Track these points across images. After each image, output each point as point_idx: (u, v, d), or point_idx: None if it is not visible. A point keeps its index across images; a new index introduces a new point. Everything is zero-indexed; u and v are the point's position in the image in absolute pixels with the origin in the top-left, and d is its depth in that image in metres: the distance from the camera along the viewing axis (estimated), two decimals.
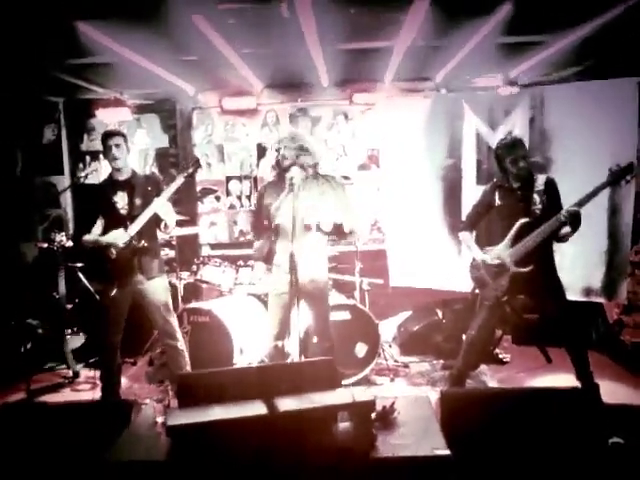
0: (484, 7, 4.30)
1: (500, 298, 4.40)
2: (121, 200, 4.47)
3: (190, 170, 4.49)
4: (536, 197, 4.22)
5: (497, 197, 4.41)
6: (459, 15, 4.41)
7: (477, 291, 4.66)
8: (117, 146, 4.41)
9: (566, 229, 4.15)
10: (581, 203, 4.04)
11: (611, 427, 3.18)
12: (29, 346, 5.44)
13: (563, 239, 4.25)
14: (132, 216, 4.39)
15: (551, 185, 4.29)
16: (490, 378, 5.31)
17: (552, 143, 5.28)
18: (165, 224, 4.47)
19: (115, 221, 4.43)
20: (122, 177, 4.52)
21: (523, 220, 4.22)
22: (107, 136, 4.47)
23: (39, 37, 4.62)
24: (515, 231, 4.25)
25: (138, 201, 4.43)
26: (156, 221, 4.46)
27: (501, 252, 4.33)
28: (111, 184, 4.53)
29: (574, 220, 4.08)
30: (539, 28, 5.00)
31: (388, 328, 6.30)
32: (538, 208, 4.21)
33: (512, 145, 4.31)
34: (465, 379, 4.72)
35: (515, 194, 4.33)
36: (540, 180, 4.28)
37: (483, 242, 4.53)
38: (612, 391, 4.73)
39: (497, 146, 4.42)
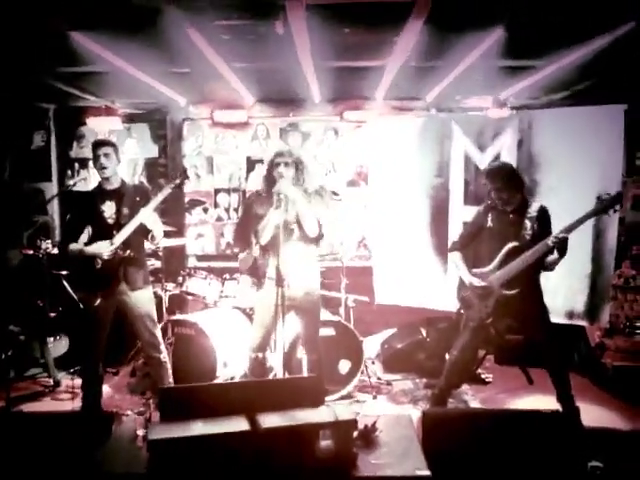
0: (476, 30, 4.35)
1: (485, 320, 4.43)
2: (109, 209, 4.46)
3: (177, 181, 4.48)
4: (528, 223, 4.27)
5: (489, 219, 4.46)
6: (452, 37, 4.46)
7: (462, 311, 4.68)
8: (106, 155, 4.39)
9: (553, 256, 4.21)
10: (569, 229, 4.10)
11: (591, 450, 3.20)
12: (10, 353, 5.39)
13: (550, 267, 4.31)
14: (119, 225, 4.37)
15: (544, 213, 4.33)
16: (472, 397, 5.32)
17: (539, 166, 5.32)
18: (152, 235, 4.47)
19: (102, 230, 4.41)
20: (111, 186, 4.50)
21: (512, 244, 4.27)
22: (97, 145, 4.46)
23: (32, 44, 4.62)
24: (504, 254, 4.30)
25: (126, 211, 4.41)
26: (143, 232, 4.44)
27: (488, 274, 4.37)
28: (99, 193, 4.51)
29: (561, 246, 4.13)
30: (530, 53, 5.06)
31: (372, 345, 6.31)
32: (528, 233, 4.25)
33: (492, 176, 4.36)
34: (447, 398, 4.73)
35: (507, 217, 4.37)
36: (534, 207, 4.33)
37: (471, 263, 4.56)
38: (593, 414, 4.77)
39: (485, 174, 4.50)
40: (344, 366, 5.25)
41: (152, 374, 4.75)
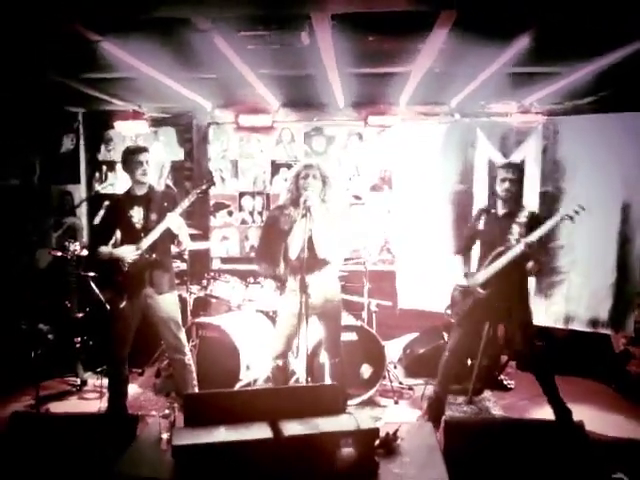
0: (501, 38, 4.32)
1: (462, 318, 4.52)
2: (137, 214, 4.53)
3: (204, 187, 4.55)
4: (515, 227, 4.28)
5: (482, 222, 4.52)
6: (477, 45, 4.43)
7: (449, 311, 4.74)
8: (147, 162, 4.51)
9: (531, 262, 4.20)
10: (538, 236, 4.12)
11: (614, 461, 3.17)
12: (39, 352, 5.48)
13: (532, 274, 4.36)
14: (147, 230, 4.45)
15: (534, 219, 4.33)
16: (493, 404, 5.30)
17: (564, 173, 5.29)
18: (178, 240, 4.52)
19: (130, 234, 4.49)
20: (140, 192, 4.58)
21: (499, 249, 4.29)
22: (136, 151, 4.54)
23: (63, 51, 4.69)
24: (490, 259, 4.35)
25: (153, 216, 4.48)
26: (170, 237, 4.50)
27: (474, 276, 4.46)
28: (129, 198, 4.59)
29: (535, 253, 4.16)
30: (555, 59, 5.02)
31: (394, 349, 6.31)
32: (515, 239, 4.26)
33: (507, 166, 4.46)
34: (444, 402, 4.74)
35: (498, 221, 4.42)
36: (525, 212, 4.34)
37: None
38: (617, 423, 4.72)
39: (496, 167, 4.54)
40: (366, 371, 5.25)
41: (176, 376, 4.79)
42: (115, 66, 4.86)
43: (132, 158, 4.50)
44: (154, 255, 4.45)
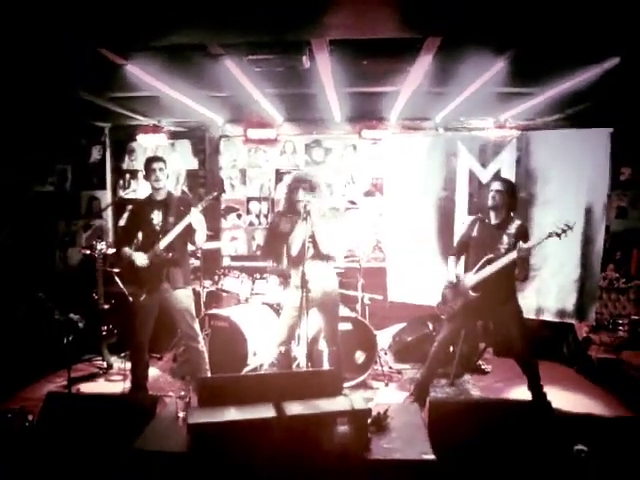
0: (481, 61, 4.31)
1: (452, 315, 4.52)
2: (156, 217, 4.53)
3: (215, 193, 4.57)
4: (505, 238, 4.27)
5: (475, 230, 4.51)
6: (459, 67, 4.43)
7: (440, 305, 4.72)
8: (160, 170, 4.50)
9: (517, 269, 4.28)
10: (533, 246, 4.15)
11: (576, 434, 3.17)
12: (71, 338, 5.49)
13: (519, 278, 4.40)
14: (165, 231, 4.44)
15: (522, 231, 4.32)
16: (472, 386, 5.30)
17: (536, 181, 5.29)
18: (193, 239, 4.50)
19: (150, 235, 4.49)
20: (160, 197, 4.58)
21: (489, 256, 4.29)
22: (152, 161, 4.54)
23: (91, 73, 4.69)
24: (481, 264, 4.34)
25: (171, 219, 4.48)
26: (186, 236, 4.49)
27: (465, 278, 4.45)
28: (150, 203, 4.59)
29: (524, 261, 4.22)
30: (528, 80, 5.02)
31: (385, 338, 6.30)
32: (504, 247, 4.25)
33: (495, 178, 4.61)
34: (428, 385, 4.75)
35: (490, 230, 4.40)
36: (514, 224, 4.33)
37: (464, 268, 4.64)
38: (579, 402, 4.74)
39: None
40: (360, 357, 5.24)
41: (191, 361, 4.79)
42: (138, 86, 4.85)
43: (148, 167, 4.52)
44: (170, 254, 4.44)
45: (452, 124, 6.97)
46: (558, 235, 4.04)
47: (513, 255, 4.11)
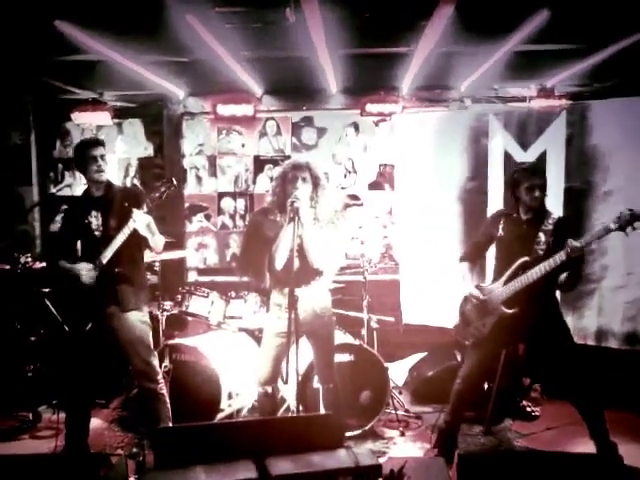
0: (517, 10, 4.33)
1: (481, 340, 4.45)
2: (95, 220, 4.46)
3: (162, 190, 4.38)
4: (542, 236, 4.23)
5: (501, 228, 4.46)
6: (489, 20, 4.45)
7: (458, 327, 4.70)
8: (102, 157, 4.42)
9: (565, 274, 4.17)
10: (585, 244, 3.98)
11: None
12: None
13: (565, 287, 4.32)
14: (107, 239, 4.36)
15: (563, 225, 4.29)
16: (515, 435, 5.29)
17: (595, 166, 5.29)
18: (149, 245, 4.46)
19: (90, 245, 4.44)
20: (98, 193, 4.51)
21: (523, 259, 4.24)
22: (89, 145, 4.45)
23: (11, 32, 4.67)
24: (513, 270, 4.28)
25: (112, 222, 4.38)
26: (137, 243, 4.45)
27: (493, 289, 4.39)
28: (86, 201, 4.53)
29: (575, 261, 4.04)
30: (579, 36, 5.04)
31: (399, 372, 6.31)
32: (542, 248, 4.21)
33: (532, 171, 4.39)
34: (456, 434, 4.71)
35: (521, 228, 4.36)
36: (551, 218, 4.29)
37: (483, 276, 4.70)
38: None
39: (514, 170, 4.52)
40: (367, 397, 5.23)
41: (147, 407, 4.76)
42: (72, 48, 4.85)
43: (85, 153, 4.42)
44: (116, 269, 4.39)
45: (482, 93, 7.01)
46: (623, 228, 3.91)
47: (562, 256, 4.04)
